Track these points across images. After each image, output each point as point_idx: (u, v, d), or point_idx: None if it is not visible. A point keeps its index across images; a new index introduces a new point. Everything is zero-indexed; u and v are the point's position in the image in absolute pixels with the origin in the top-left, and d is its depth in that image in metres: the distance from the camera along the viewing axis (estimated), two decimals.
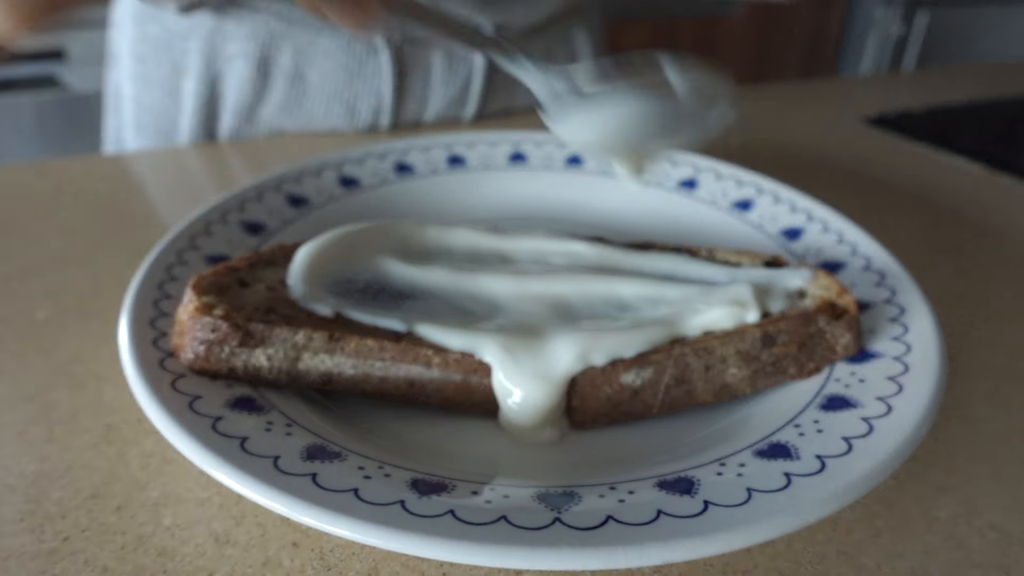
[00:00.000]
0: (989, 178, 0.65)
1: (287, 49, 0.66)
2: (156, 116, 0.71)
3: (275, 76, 0.67)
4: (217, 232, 0.40)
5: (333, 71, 0.67)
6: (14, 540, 0.27)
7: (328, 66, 0.66)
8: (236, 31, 0.66)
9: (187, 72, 0.68)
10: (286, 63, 0.66)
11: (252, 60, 0.66)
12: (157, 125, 0.71)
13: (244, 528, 0.28)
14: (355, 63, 0.66)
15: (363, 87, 0.68)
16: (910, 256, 0.48)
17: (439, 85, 0.70)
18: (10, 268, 0.46)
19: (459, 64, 0.69)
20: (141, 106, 0.72)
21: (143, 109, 0.71)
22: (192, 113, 0.68)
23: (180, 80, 0.69)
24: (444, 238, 0.38)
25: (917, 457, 0.33)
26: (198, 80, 0.67)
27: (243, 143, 0.67)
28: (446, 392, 0.31)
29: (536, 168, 0.53)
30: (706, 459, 0.28)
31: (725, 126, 0.36)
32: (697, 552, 0.22)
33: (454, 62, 0.69)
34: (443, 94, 0.70)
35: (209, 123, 0.69)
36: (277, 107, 0.68)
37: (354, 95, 0.68)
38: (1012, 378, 0.38)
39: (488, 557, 0.22)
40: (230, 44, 0.66)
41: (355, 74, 0.67)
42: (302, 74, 0.67)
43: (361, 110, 0.69)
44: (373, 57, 0.66)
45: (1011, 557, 0.28)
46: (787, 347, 0.32)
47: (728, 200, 0.48)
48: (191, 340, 0.29)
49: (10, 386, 0.35)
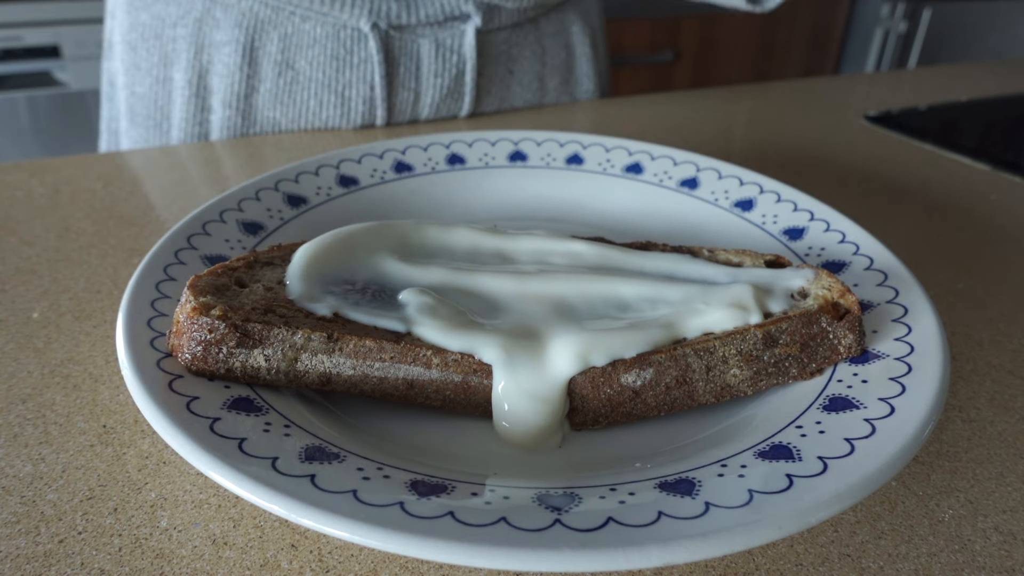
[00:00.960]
0: (993, 177, 0.65)
1: (274, 36, 0.66)
2: (148, 105, 0.71)
3: (263, 64, 0.67)
4: (214, 232, 0.40)
5: (322, 59, 0.67)
6: (9, 543, 0.27)
7: (316, 54, 0.67)
8: (223, 18, 0.66)
9: (177, 61, 0.68)
10: (273, 51, 0.66)
11: (239, 47, 0.66)
12: (149, 114, 0.71)
13: (242, 530, 0.28)
14: (343, 51, 0.67)
15: (353, 76, 0.68)
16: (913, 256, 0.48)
17: (430, 76, 0.70)
18: (4, 268, 0.45)
19: (449, 54, 0.69)
20: (134, 95, 0.72)
21: (135, 98, 0.72)
22: (183, 104, 0.69)
23: (170, 70, 0.69)
24: (444, 238, 0.38)
25: (920, 458, 0.33)
26: (188, 69, 0.68)
27: (240, 141, 0.67)
28: (446, 393, 0.31)
29: (536, 167, 0.53)
30: (707, 460, 0.27)
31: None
32: (698, 554, 0.22)
33: (443, 51, 0.69)
34: (436, 85, 0.70)
35: (201, 115, 0.69)
36: (269, 97, 0.68)
37: (345, 84, 0.68)
38: (1016, 379, 0.38)
39: (488, 559, 0.22)
40: (217, 32, 0.66)
41: (344, 62, 0.67)
42: (290, 62, 0.67)
43: (354, 100, 0.69)
44: (361, 45, 0.67)
45: (1016, 559, 0.28)
46: (789, 347, 0.32)
47: (729, 199, 0.48)
48: (188, 341, 0.29)
49: (5, 387, 0.35)
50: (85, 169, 0.60)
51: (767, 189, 0.48)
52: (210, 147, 0.65)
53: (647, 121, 0.76)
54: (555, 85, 0.79)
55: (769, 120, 0.78)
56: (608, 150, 0.53)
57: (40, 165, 0.60)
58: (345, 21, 0.66)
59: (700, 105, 0.83)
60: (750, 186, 0.49)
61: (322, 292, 0.33)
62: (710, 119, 0.78)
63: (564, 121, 0.75)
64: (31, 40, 1.89)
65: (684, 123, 0.76)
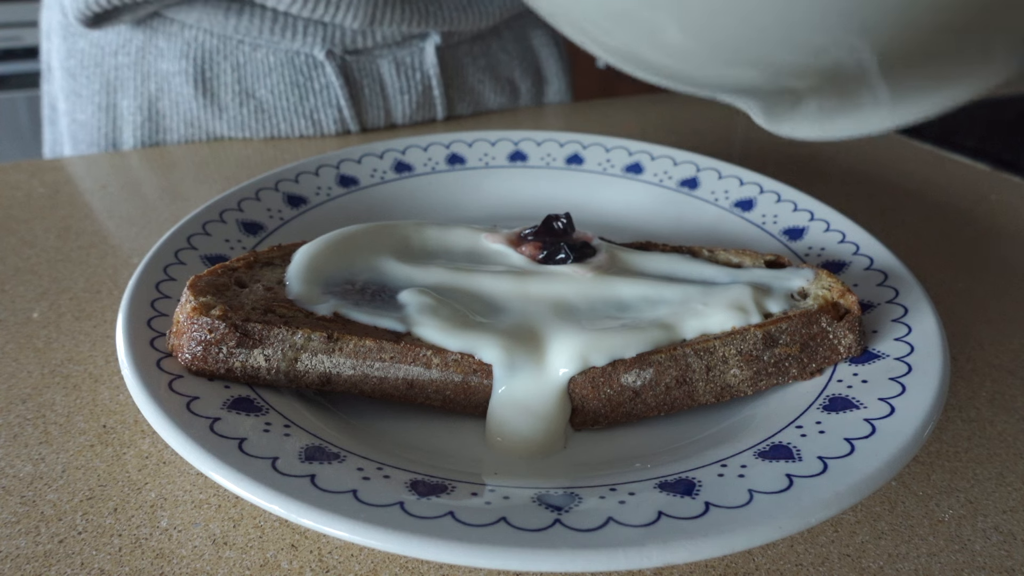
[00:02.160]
0: (993, 177, 0.65)
1: (226, 66, 0.64)
2: (91, 132, 0.68)
3: (220, 95, 0.65)
4: (214, 232, 0.40)
5: (282, 87, 0.65)
6: (9, 543, 0.27)
7: (276, 82, 0.65)
8: (167, 47, 0.63)
9: (122, 88, 0.65)
10: (229, 81, 0.64)
11: (189, 78, 0.64)
12: (93, 141, 0.68)
13: (242, 530, 0.28)
14: (302, 77, 0.65)
15: (319, 101, 0.66)
16: (913, 256, 0.48)
17: (396, 94, 0.68)
18: (4, 268, 0.45)
19: (412, 72, 0.68)
20: (75, 122, 0.69)
21: (77, 125, 0.69)
22: (137, 127, 0.66)
23: (115, 97, 0.66)
24: (443, 238, 0.38)
25: (920, 458, 0.33)
26: (137, 96, 0.65)
27: (242, 141, 0.67)
28: (446, 393, 0.31)
29: (536, 167, 0.53)
30: (707, 460, 0.27)
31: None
32: (698, 554, 0.22)
33: (405, 69, 0.67)
34: (404, 101, 0.69)
35: (158, 135, 0.67)
36: (234, 124, 0.66)
37: (312, 108, 0.66)
38: (1016, 379, 0.38)
39: (488, 559, 0.22)
40: (162, 61, 0.64)
41: (306, 88, 0.65)
42: (250, 92, 0.64)
43: (325, 121, 0.67)
44: (319, 72, 0.65)
45: (1016, 559, 0.28)
46: (789, 347, 0.32)
47: (729, 199, 0.48)
48: (188, 341, 0.29)
49: (5, 387, 0.35)
50: (85, 169, 0.60)
51: (767, 189, 0.48)
52: (208, 147, 0.65)
53: (647, 121, 0.76)
54: (527, 88, 0.78)
55: None
56: (608, 150, 0.53)
57: (40, 165, 0.60)
58: (298, 49, 0.63)
59: (700, 105, 0.83)
60: (750, 186, 0.49)
61: (322, 292, 0.33)
62: (710, 119, 0.78)
63: (563, 122, 0.75)
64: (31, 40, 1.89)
65: (684, 123, 0.76)
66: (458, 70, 0.71)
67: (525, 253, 0.36)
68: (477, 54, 0.72)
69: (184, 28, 0.63)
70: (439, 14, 0.65)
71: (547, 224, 0.38)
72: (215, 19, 0.62)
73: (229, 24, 0.62)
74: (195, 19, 0.62)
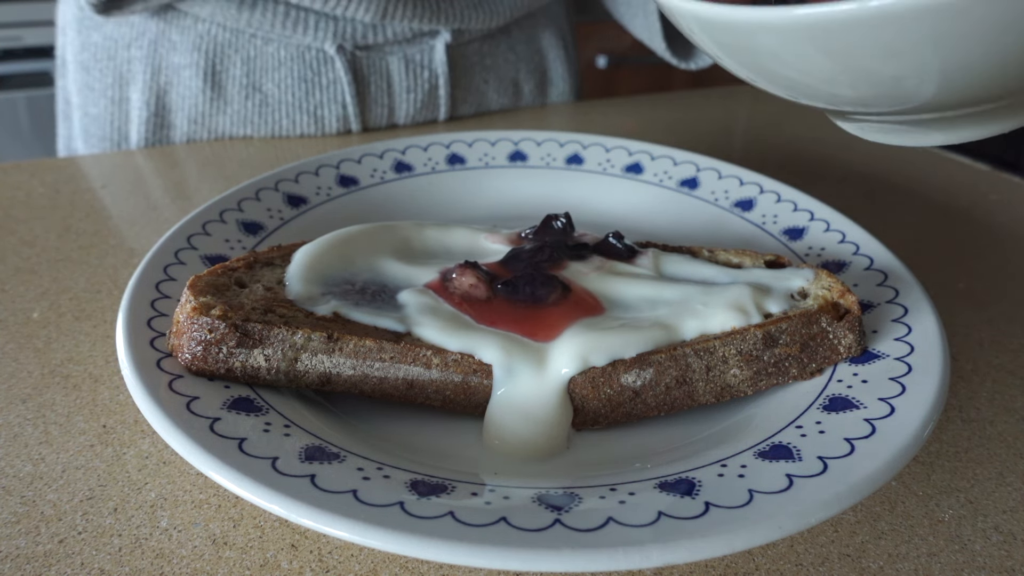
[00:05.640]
0: (993, 177, 0.65)
1: (236, 59, 0.64)
2: (103, 126, 0.69)
3: (228, 88, 0.65)
4: (214, 232, 0.40)
5: (289, 81, 0.65)
6: (9, 543, 0.27)
7: (283, 76, 0.65)
8: (180, 40, 0.64)
9: (133, 82, 0.66)
10: (238, 74, 0.65)
11: (199, 71, 0.64)
12: (105, 135, 0.69)
13: (242, 530, 0.28)
14: (311, 72, 0.65)
15: (324, 97, 0.66)
16: (913, 256, 0.48)
17: (403, 92, 0.68)
18: (4, 268, 0.45)
19: (420, 70, 0.68)
20: (87, 115, 0.70)
21: (89, 119, 0.70)
22: (142, 123, 0.67)
23: (126, 90, 0.67)
24: (443, 238, 0.38)
25: (920, 458, 0.33)
26: (145, 90, 0.66)
27: (243, 140, 0.67)
28: (445, 393, 0.31)
29: (536, 167, 0.53)
30: (707, 460, 0.27)
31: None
32: (698, 554, 0.22)
33: (413, 67, 0.68)
34: (409, 100, 0.69)
35: (161, 132, 0.67)
36: (237, 119, 0.66)
37: (316, 104, 0.66)
38: (1016, 379, 0.38)
39: (488, 559, 0.22)
40: (174, 54, 0.65)
41: (313, 84, 0.66)
42: (257, 85, 0.65)
43: (327, 119, 0.67)
44: (328, 67, 0.65)
45: (1016, 559, 0.28)
46: (789, 347, 0.32)
47: (729, 199, 0.48)
48: (188, 341, 0.29)
49: (5, 387, 0.35)
50: (85, 169, 0.60)
51: (767, 189, 0.48)
52: (210, 147, 0.65)
53: (647, 121, 0.76)
54: (530, 89, 0.78)
55: (769, 120, 0.78)
56: (608, 150, 0.53)
57: (40, 165, 0.60)
58: (309, 44, 0.64)
59: (700, 105, 0.83)
60: (750, 186, 0.49)
61: (322, 292, 0.33)
62: (710, 119, 0.78)
63: (563, 122, 0.75)
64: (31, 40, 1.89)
65: (684, 123, 0.76)
66: (466, 69, 0.71)
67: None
68: (485, 53, 0.72)
69: (197, 22, 0.64)
70: (450, 11, 0.65)
71: (547, 224, 0.38)
72: (228, 12, 0.62)
73: (242, 17, 0.62)
74: (209, 12, 0.63)
